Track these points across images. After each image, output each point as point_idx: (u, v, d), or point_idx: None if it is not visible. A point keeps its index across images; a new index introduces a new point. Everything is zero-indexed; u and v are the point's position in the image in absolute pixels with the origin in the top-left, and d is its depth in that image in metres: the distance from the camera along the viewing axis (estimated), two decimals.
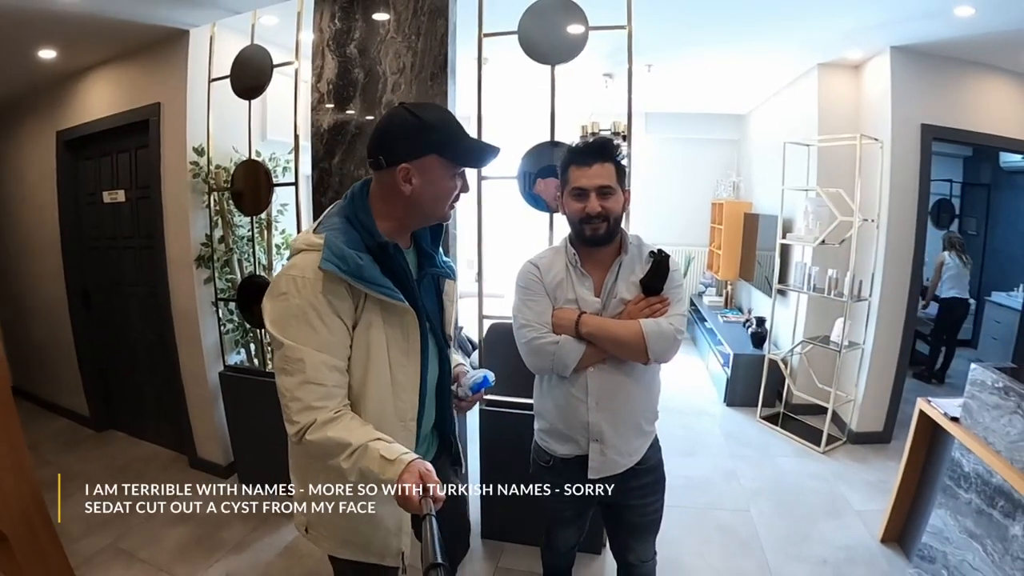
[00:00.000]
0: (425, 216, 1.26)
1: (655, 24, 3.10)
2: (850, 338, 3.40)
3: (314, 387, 1.09)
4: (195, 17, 2.76)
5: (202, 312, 3.07)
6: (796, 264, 3.80)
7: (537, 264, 1.58)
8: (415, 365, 1.24)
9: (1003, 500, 1.79)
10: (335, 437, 1.07)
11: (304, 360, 1.09)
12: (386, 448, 1.06)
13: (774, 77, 4.31)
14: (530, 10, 2.23)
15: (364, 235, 1.17)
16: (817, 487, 3.04)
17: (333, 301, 1.12)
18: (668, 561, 2.42)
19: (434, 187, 1.19)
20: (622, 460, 1.55)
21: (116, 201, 3.39)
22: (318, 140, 2.52)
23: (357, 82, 2.43)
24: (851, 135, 3.35)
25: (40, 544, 2.27)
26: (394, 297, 1.15)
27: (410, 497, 1.00)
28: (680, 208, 5.99)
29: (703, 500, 2.94)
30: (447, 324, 1.40)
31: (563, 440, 1.59)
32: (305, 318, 1.10)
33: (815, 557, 2.45)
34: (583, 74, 3.94)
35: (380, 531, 1.28)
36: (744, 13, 2.97)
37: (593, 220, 1.45)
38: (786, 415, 3.86)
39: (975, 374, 2.00)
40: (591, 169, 1.46)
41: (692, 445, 3.58)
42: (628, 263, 1.53)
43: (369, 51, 2.39)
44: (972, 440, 1.93)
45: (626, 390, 1.54)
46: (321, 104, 2.50)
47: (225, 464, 3.20)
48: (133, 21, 2.70)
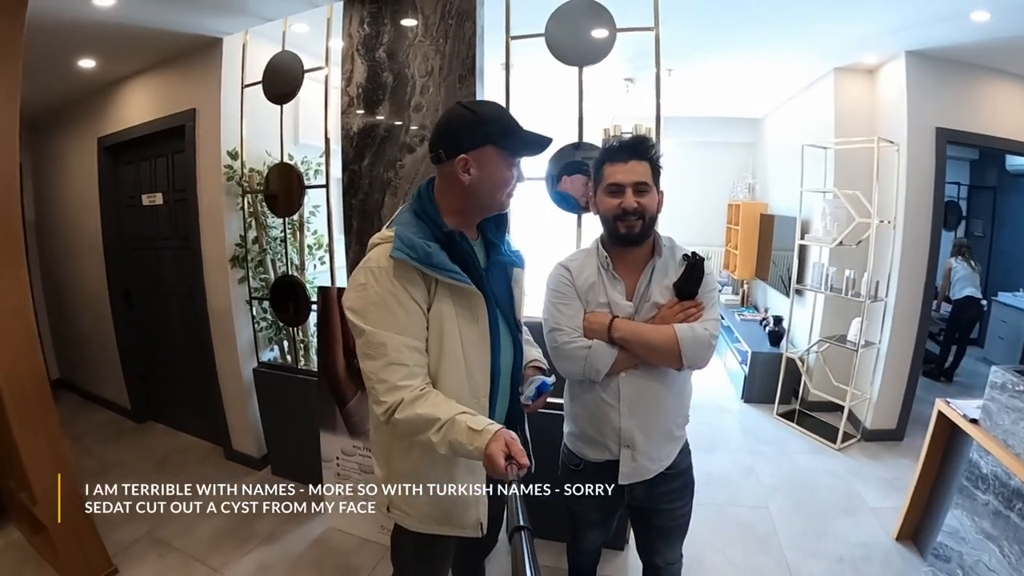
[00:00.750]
0: (486, 206, 1.25)
1: (675, 29, 2.94)
2: (866, 337, 3.24)
3: (397, 367, 1.11)
4: (228, 25, 2.68)
5: (236, 310, 2.99)
6: (814, 264, 3.63)
7: (568, 267, 1.45)
8: (485, 346, 1.23)
9: (1021, 503, 1.68)
10: (424, 413, 1.09)
11: (386, 344, 1.11)
12: (472, 420, 1.08)
13: (790, 81, 4.14)
14: (557, 13, 2.09)
15: (432, 227, 1.18)
16: (833, 484, 2.90)
17: (407, 287, 1.13)
18: (690, 559, 2.28)
19: (492, 177, 1.19)
20: (652, 466, 1.44)
21: (154, 204, 3.34)
22: (348, 143, 2.43)
23: (386, 86, 2.32)
24: (868, 138, 3.19)
25: (78, 534, 2.26)
26: (462, 281, 1.15)
27: (496, 462, 1.02)
28: (697, 209, 5.84)
29: (723, 496, 2.80)
30: (518, 310, 1.37)
31: (593, 445, 1.47)
32: (384, 304, 1.12)
33: (832, 554, 2.32)
34: (605, 79, 3.79)
35: (460, 504, 1.27)
36: (761, 18, 2.82)
37: (628, 216, 1.33)
38: (802, 412, 3.69)
39: (995, 376, 1.86)
40: (627, 165, 1.34)
41: (711, 441, 3.43)
42: (661, 266, 1.40)
43: (398, 55, 2.28)
44: (991, 442, 1.81)
45: (658, 396, 1.42)
46: (351, 108, 2.40)
47: (259, 456, 3.13)
48: (168, 30, 2.63)
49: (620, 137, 1.38)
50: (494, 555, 1.93)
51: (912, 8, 2.49)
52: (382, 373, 1.11)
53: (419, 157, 2.29)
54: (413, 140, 2.30)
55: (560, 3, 2.11)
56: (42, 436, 2.13)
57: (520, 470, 1.02)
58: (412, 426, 1.10)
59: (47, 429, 2.15)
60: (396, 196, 2.35)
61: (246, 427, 3.11)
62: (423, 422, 1.09)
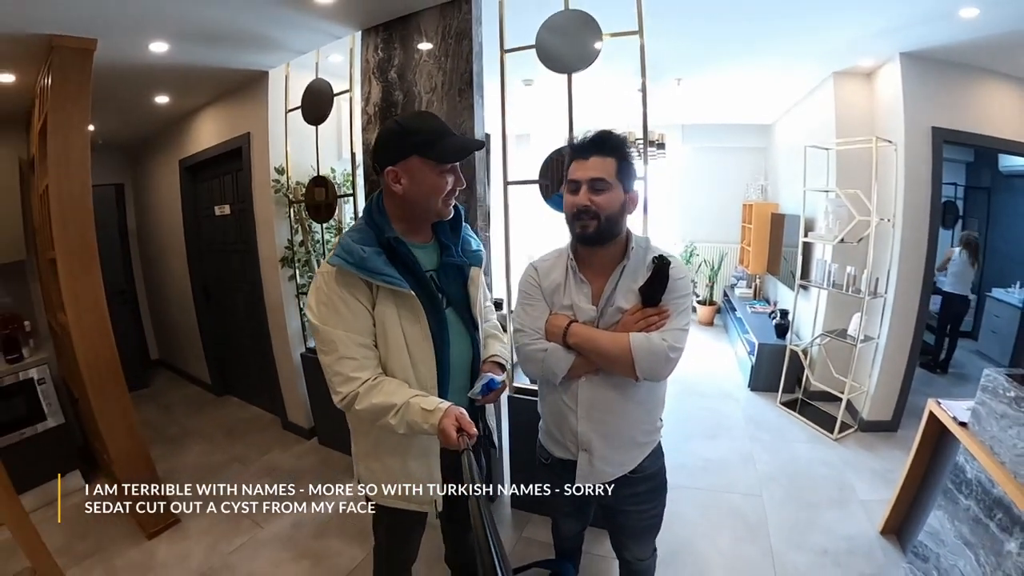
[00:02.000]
0: (424, 212, 1.19)
1: (679, 40, 2.83)
2: (866, 332, 2.96)
3: (348, 360, 1.11)
4: (272, 60, 2.76)
5: (287, 303, 3.10)
6: (817, 261, 3.34)
7: (537, 267, 1.32)
8: (428, 343, 1.18)
9: (1002, 513, 1.47)
10: (379, 402, 1.10)
11: (335, 340, 1.11)
12: (424, 400, 1.09)
13: (794, 87, 3.83)
14: (547, 23, 2.00)
15: (377, 233, 1.15)
16: (827, 474, 2.65)
17: (351, 288, 1.12)
18: (680, 542, 2.17)
19: (422, 185, 1.13)
20: (611, 470, 1.29)
21: (224, 214, 3.50)
22: (368, 156, 2.42)
23: (398, 103, 2.31)
24: (867, 138, 2.90)
25: (147, 490, 2.30)
26: (396, 284, 1.12)
27: (449, 436, 1.04)
28: (715, 209, 5.60)
29: (720, 483, 2.62)
30: (474, 307, 1.29)
31: (556, 444, 1.35)
32: (332, 305, 1.12)
33: (817, 547, 2.11)
34: (619, 89, 3.66)
35: (411, 479, 1.26)
36: (760, 30, 2.62)
37: (582, 216, 1.16)
38: (804, 401, 3.42)
39: (987, 380, 1.61)
40: (588, 162, 1.16)
41: (715, 428, 3.22)
42: (631, 269, 1.21)
43: (406, 75, 2.27)
44: (977, 447, 1.59)
45: (617, 404, 1.25)
46: (370, 124, 2.41)
47: (308, 428, 3.24)
48: (222, 67, 2.74)
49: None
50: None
51: (901, 7, 2.23)
52: (335, 366, 1.11)
53: None
54: None
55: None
56: (114, 406, 2.24)
57: (471, 439, 1.04)
58: (372, 414, 1.11)
59: (119, 400, 2.25)
60: None
61: (297, 402, 3.22)
62: (381, 409, 1.10)
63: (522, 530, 2.29)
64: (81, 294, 2.13)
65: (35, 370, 2.66)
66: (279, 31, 2.35)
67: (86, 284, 2.14)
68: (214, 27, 2.20)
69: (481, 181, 2.21)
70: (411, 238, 1.20)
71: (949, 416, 1.77)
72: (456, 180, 1.17)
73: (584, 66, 1.99)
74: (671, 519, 2.37)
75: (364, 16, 2.24)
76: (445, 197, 1.17)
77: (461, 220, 1.29)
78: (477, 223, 2.19)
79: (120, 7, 1.88)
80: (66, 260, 2.10)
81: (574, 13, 1.97)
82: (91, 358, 2.15)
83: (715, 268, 5.61)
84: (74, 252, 2.11)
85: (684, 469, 2.71)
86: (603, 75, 2.77)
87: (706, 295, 5.61)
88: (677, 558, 2.07)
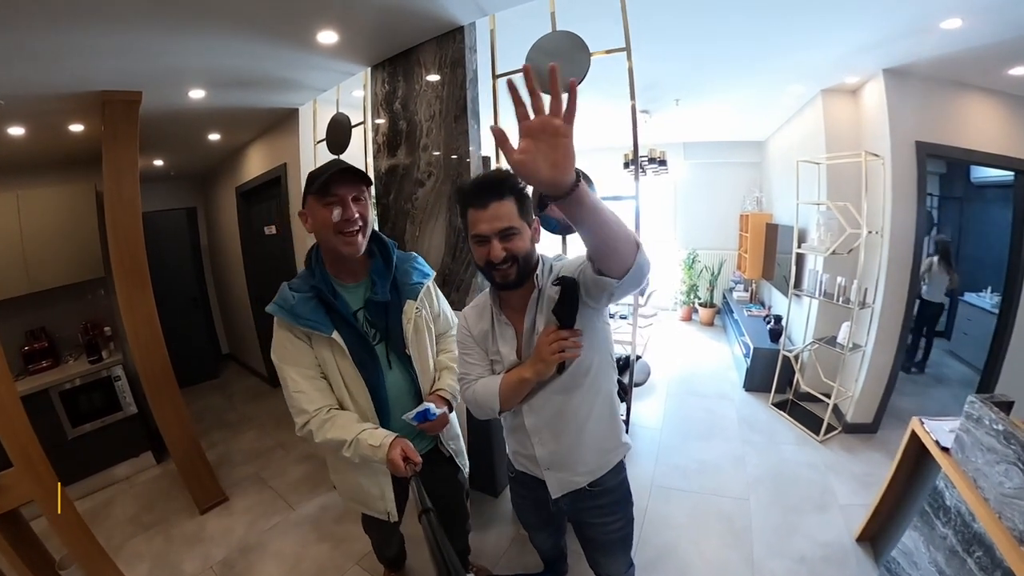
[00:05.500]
0: (332, 250, 1.07)
1: (675, 63, 2.54)
2: (854, 340, 2.57)
3: (299, 394, 1.06)
4: (299, 98, 2.67)
5: None
6: (809, 271, 2.95)
7: (467, 316, 1.12)
8: (359, 378, 1.09)
9: (981, 551, 1.16)
10: (332, 438, 1.05)
11: (287, 376, 1.07)
12: (370, 436, 1.04)
13: (785, 105, 3.43)
14: (535, 45, 1.75)
15: (311, 278, 1.08)
16: (811, 478, 2.30)
17: (292, 329, 1.06)
18: (665, 545, 1.89)
19: (316, 222, 1.04)
20: (580, 479, 1.12)
21: (271, 233, 3.45)
22: (379, 182, 2.29)
23: (402, 132, 2.14)
24: (855, 152, 2.52)
25: (198, 471, 2.36)
26: (315, 328, 1.04)
27: (397, 466, 1.00)
28: (715, 219, 5.25)
29: (710, 486, 2.30)
30: (408, 341, 1.15)
31: (522, 461, 1.19)
32: (281, 343, 1.08)
33: (795, 554, 1.81)
34: (623, 111, 3.32)
35: (367, 494, 1.23)
36: (750, 53, 2.33)
37: (500, 266, 0.94)
38: (794, 402, 3.03)
39: (972, 408, 1.28)
40: (487, 211, 0.92)
41: (711, 428, 2.88)
42: (543, 298, 1.00)
43: (409, 105, 2.09)
44: (959, 477, 1.28)
45: (567, 428, 1.06)
46: (380, 153, 2.26)
47: None
48: (258, 107, 2.69)
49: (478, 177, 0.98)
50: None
51: (884, 21, 1.88)
52: (291, 399, 1.07)
53: (428, 190, 2.09)
54: (423, 175, 2.10)
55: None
56: (168, 402, 2.23)
57: (417, 466, 1.01)
58: (330, 446, 1.07)
59: (171, 398, 2.25)
60: (414, 223, 2.17)
61: None
62: (335, 444, 1.05)
63: (519, 528, 2.07)
64: (136, 309, 2.12)
65: (112, 369, 2.69)
66: (299, 73, 2.23)
67: (140, 300, 2.13)
68: (241, 74, 2.12)
69: None
70: (343, 279, 1.11)
71: (932, 439, 1.43)
72: (344, 211, 1.01)
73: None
74: (660, 522, 2.08)
75: (371, 53, 2.08)
76: (337, 230, 1.02)
77: (391, 254, 1.16)
78: None
79: (156, 62, 1.84)
80: (123, 282, 2.09)
81: (562, 34, 1.72)
82: (146, 363, 2.17)
83: (715, 273, 5.24)
84: (129, 275, 2.10)
85: (678, 470, 2.41)
86: (600, 99, 2.53)
87: (707, 298, 5.24)
88: (659, 563, 1.81)
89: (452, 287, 2.06)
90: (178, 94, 2.22)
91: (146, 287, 2.14)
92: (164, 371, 2.20)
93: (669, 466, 2.47)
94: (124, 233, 2.09)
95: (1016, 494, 1.08)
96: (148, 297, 2.14)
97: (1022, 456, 1.08)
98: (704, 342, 4.62)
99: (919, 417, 1.53)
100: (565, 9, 1.72)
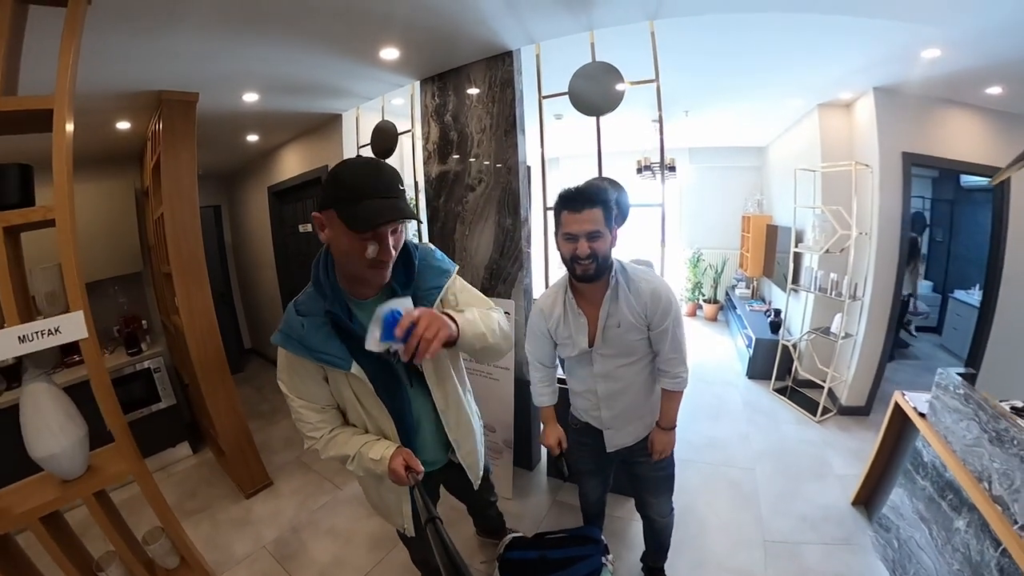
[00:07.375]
0: (348, 270, 0.91)
1: (687, 79, 2.78)
2: (846, 330, 2.89)
3: (303, 423, 1.03)
4: (344, 104, 2.81)
5: None
6: (806, 268, 3.25)
7: (542, 307, 1.32)
8: (378, 401, 1.00)
9: (952, 494, 1.46)
10: (336, 455, 1.04)
11: (292, 406, 1.02)
12: (372, 451, 1.00)
13: (784, 116, 3.72)
14: (577, 73, 2.00)
15: (322, 297, 0.92)
16: (810, 452, 2.60)
17: (302, 359, 0.95)
18: (684, 507, 2.16)
19: (338, 242, 0.86)
20: (629, 440, 1.40)
21: (306, 231, 3.57)
22: (429, 186, 2.48)
23: (453, 141, 2.34)
24: (847, 162, 2.81)
25: (246, 458, 2.44)
26: (334, 364, 0.92)
27: (399, 476, 0.96)
28: (718, 220, 5.53)
29: (720, 458, 2.58)
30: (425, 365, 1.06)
31: (584, 416, 1.44)
32: (289, 370, 1.00)
33: (798, 514, 2.10)
34: (637, 121, 3.65)
35: (390, 507, 1.20)
36: (755, 68, 2.56)
37: (583, 260, 1.15)
38: (792, 388, 3.34)
39: (941, 378, 1.59)
40: (581, 215, 1.12)
41: (718, 411, 3.17)
42: (616, 294, 1.22)
43: (460, 117, 2.29)
44: (933, 436, 1.57)
45: (626, 396, 1.33)
46: (430, 159, 2.44)
47: None
48: (302, 111, 2.80)
49: (577, 186, 1.18)
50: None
51: (872, 49, 2.15)
52: (298, 423, 1.04)
53: (478, 194, 2.29)
54: (473, 181, 2.31)
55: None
56: (221, 392, 2.32)
57: (418, 475, 0.96)
58: (336, 461, 1.05)
59: (224, 387, 2.34)
60: (464, 223, 2.36)
61: None
62: (339, 459, 1.03)
63: (555, 495, 2.33)
64: (193, 302, 2.20)
65: (151, 361, 2.75)
66: (350, 82, 2.39)
67: (197, 294, 2.21)
68: (296, 80, 2.24)
69: (524, 206, 2.22)
70: (359, 293, 0.95)
71: (911, 407, 1.73)
72: (382, 251, 0.85)
73: (610, 109, 1.99)
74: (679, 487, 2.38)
75: (423, 68, 2.26)
76: (368, 265, 0.87)
77: (414, 260, 0.99)
78: (521, 242, 2.21)
79: (216, 67, 1.92)
80: (181, 275, 2.16)
81: (600, 64, 1.96)
82: (201, 353, 2.23)
83: (719, 271, 5.51)
84: (187, 268, 2.17)
85: (691, 445, 2.69)
86: (621, 111, 2.75)
87: (711, 294, 5.53)
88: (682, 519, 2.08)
89: (499, 279, 2.29)
90: (232, 97, 2.32)
91: (203, 280, 2.21)
92: (219, 362, 2.29)
93: (682, 441, 2.68)
94: (183, 228, 2.14)
95: (975, 443, 1.37)
96: (205, 290, 2.21)
97: (978, 412, 1.38)
98: (709, 335, 4.91)
99: (901, 391, 1.85)
100: (602, 37, 1.95)
